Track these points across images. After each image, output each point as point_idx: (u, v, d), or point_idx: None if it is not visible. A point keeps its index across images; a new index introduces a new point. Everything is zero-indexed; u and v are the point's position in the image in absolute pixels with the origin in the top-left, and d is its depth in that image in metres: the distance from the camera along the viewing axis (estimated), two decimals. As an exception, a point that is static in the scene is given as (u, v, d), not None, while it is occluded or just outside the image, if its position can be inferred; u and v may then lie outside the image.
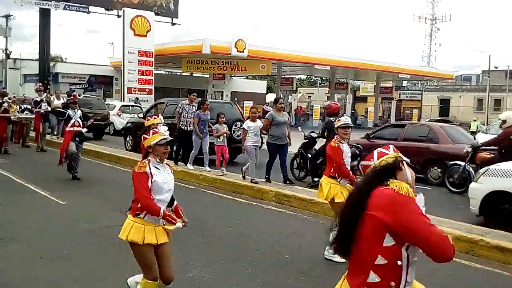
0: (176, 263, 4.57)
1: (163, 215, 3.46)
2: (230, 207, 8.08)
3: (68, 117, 9.87)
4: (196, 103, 10.85)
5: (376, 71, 38.34)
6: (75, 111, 9.97)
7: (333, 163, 5.46)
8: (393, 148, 2.36)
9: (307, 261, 5.31)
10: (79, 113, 10.06)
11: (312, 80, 71.26)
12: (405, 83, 56.57)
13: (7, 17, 38.52)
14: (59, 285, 4.49)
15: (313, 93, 62.80)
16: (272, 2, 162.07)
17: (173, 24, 34.99)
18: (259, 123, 9.47)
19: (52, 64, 33.70)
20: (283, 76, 39.74)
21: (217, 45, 28.57)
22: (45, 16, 30.56)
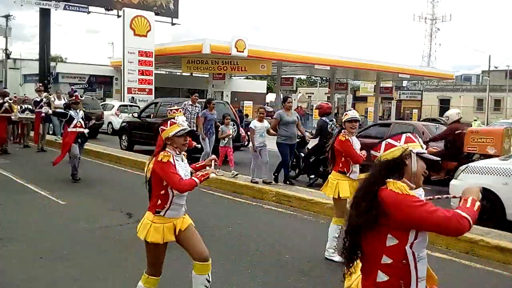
0: (176, 263, 4.58)
1: (199, 181, 3.40)
2: (230, 207, 8.07)
3: (70, 118, 9.72)
4: (199, 104, 10.84)
5: (376, 71, 38.36)
6: (77, 111, 9.83)
7: (342, 157, 5.45)
8: (406, 138, 2.25)
9: (307, 261, 5.31)
10: (81, 113, 9.94)
11: (312, 80, 71.29)
12: (405, 83, 56.58)
13: (7, 17, 38.51)
14: (59, 285, 4.48)
15: (313, 93, 62.81)
16: (272, 2, 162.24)
17: (173, 24, 35.02)
18: (266, 123, 9.31)
19: (53, 64, 33.70)
20: (283, 76, 39.73)
21: (217, 45, 28.58)
22: (45, 16, 30.58)
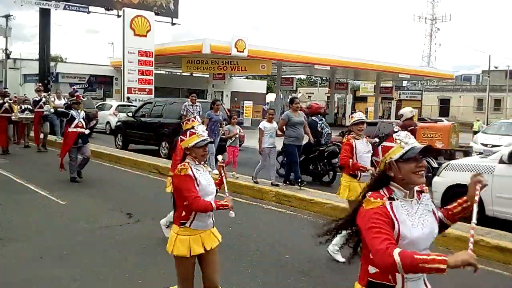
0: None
1: (216, 207, 3.28)
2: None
3: (71, 118, 9.65)
4: (199, 103, 10.83)
5: (376, 71, 38.37)
6: (78, 111, 9.76)
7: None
8: (382, 149, 2.39)
9: (307, 261, 5.31)
10: (83, 113, 9.87)
11: (312, 80, 71.30)
12: (405, 83, 56.59)
13: (7, 17, 38.53)
14: (59, 285, 4.48)
15: (313, 93, 62.82)
16: (272, 2, 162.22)
17: (173, 24, 35.02)
18: (275, 124, 9.19)
19: (53, 64, 33.70)
20: (283, 76, 39.74)
21: (217, 45, 28.59)
22: (45, 16, 30.57)
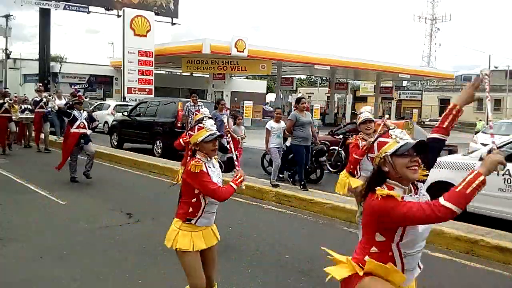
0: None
1: (236, 187, 3.37)
2: (230, 207, 8.05)
3: (73, 118, 9.54)
4: (201, 103, 10.83)
5: (376, 71, 38.39)
6: (80, 112, 9.65)
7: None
8: (377, 144, 2.40)
9: (307, 261, 5.30)
10: (85, 114, 9.77)
11: (312, 80, 71.27)
12: (405, 83, 56.59)
13: (7, 17, 38.57)
14: (59, 285, 4.48)
15: (313, 93, 62.79)
16: (272, 2, 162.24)
17: (173, 24, 35.06)
18: (282, 124, 9.09)
19: (54, 64, 33.70)
20: (283, 76, 39.76)
21: (217, 45, 28.60)
22: (45, 16, 30.61)
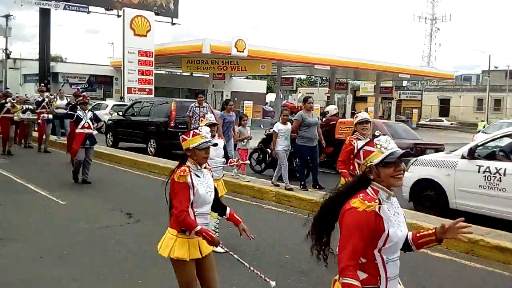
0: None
1: (198, 233, 3.09)
2: (230, 207, 8.06)
3: (77, 118, 9.45)
4: (206, 104, 10.77)
5: (376, 71, 38.39)
6: (85, 112, 9.55)
7: (351, 160, 5.30)
8: (363, 153, 2.39)
9: (307, 261, 5.28)
10: (90, 114, 9.63)
11: (312, 80, 71.29)
12: (405, 83, 56.62)
13: (7, 17, 38.58)
14: (59, 285, 4.48)
15: (313, 93, 62.66)
16: (272, 2, 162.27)
17: (173, 24, 35.05)
18: (289, 126, 8.89)
19: (59, 64, 33.73)
20: (283, 76, 39.74)
21: (217, 45, 28.60)
22: (45, 16, 30.60)
